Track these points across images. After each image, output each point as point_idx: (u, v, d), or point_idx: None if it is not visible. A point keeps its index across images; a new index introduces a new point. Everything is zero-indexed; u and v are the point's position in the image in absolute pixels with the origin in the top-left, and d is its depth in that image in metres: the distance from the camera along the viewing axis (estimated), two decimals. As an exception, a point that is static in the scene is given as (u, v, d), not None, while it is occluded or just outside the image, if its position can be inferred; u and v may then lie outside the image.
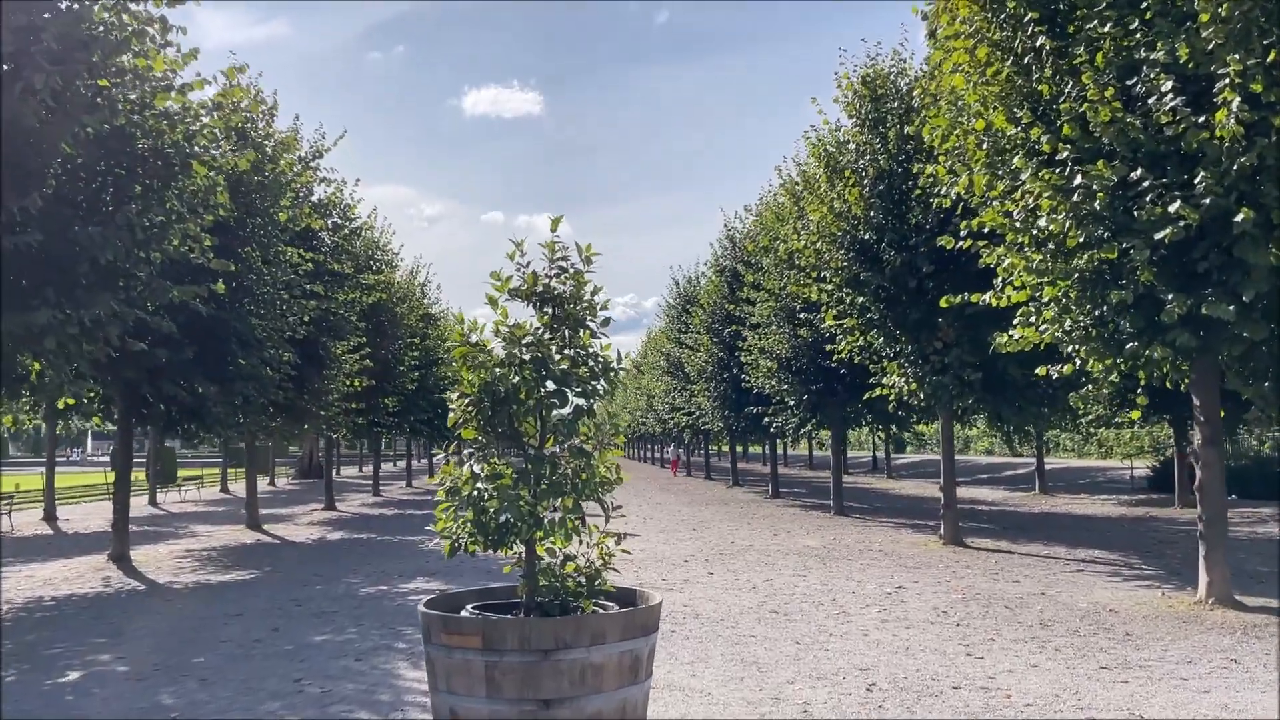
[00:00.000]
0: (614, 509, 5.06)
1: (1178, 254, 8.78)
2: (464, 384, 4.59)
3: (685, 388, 35.31)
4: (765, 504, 27.47)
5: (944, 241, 10.23)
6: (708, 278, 32.39)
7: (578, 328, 4.74)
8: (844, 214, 16.00)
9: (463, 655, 4.29)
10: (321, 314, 20.65)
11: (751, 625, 9.35)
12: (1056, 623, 9.37)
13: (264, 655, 8.30)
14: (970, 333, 15.00)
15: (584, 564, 4.97)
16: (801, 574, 13.02)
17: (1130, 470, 34.14)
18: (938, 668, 7.55)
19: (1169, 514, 22.22)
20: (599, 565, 4.96)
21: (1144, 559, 14.39)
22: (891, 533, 18.78)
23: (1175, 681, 7.08)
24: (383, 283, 26.12)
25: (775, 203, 23.51)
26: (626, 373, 7.55)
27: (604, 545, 5.01)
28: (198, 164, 10.07)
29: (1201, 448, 9.69)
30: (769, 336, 22.86)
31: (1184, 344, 8.51)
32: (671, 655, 8.03)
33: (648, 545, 16.96)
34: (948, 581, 12.24)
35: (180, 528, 23.13)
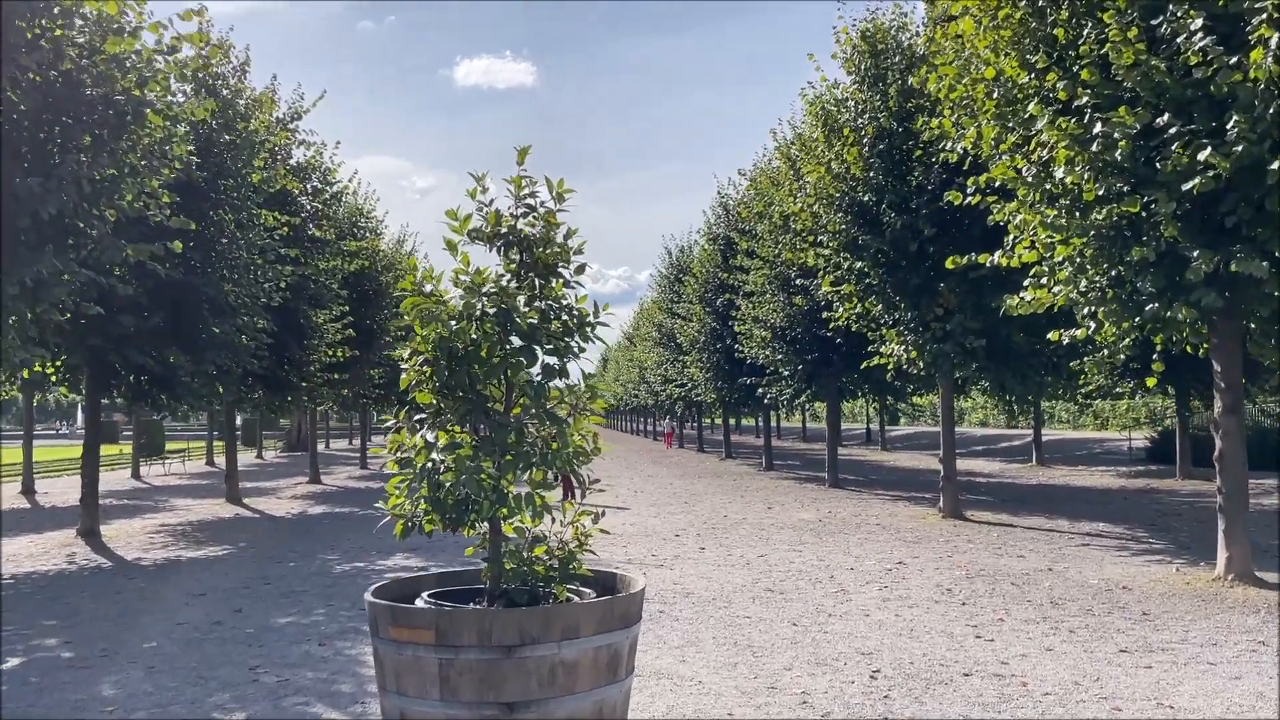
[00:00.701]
0: (592, 483, 4.47)
1: (1203, 208, 8.18)
2: (416, 340, 3.98)
3: (677, 359, 34.71)
4: (759, 477, 26.98)
5: (951, 197, 9.61)
6: (700, 246, 31.69)
7: (548, 275, 4.13)
8: (842, 175, 15.34)
9: (413, 652, 3.71)
10: (300, 281, 19.98)
11: (746, 604, 8.81)
12: (1068, 601, 8.84)
13: (221, 639, 7.73)
14: (973, 298, 14.41)
15: (557, 545, 4.37)
16: (797, 549, 12.49)
17: (1129, 441, 33.73)
18: (945, 651, 7.02)
19: (1170, 485, 21.76)
20: (573, 547, 4.37)
21: (1150, 532, 13.90)
22: (888, 505, 18.28)
23: (1202, 666, 6.55)
24: (365, 250, 25.37)
25: (770, 167, 22.81)
26: (605, 327, 7.09)
27: (579, 524, 4.42)
28: (152, 113, 9.37)
29: (1222, 416, 9.14)
30: (763, 305, 22.25)
31: (1209, 304, 7.92)
32: (660, 639, 7.49)
33: (638, 519, 16.43)
34: (950, 556, 11.73)
35: (160, 501, 22.54)
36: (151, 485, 28.86)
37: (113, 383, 15.34)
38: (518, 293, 4.07)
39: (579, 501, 4.44)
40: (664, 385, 40.73)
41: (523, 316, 3.99)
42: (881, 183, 14.84)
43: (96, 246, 9.24)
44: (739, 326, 23.81)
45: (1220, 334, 9.04)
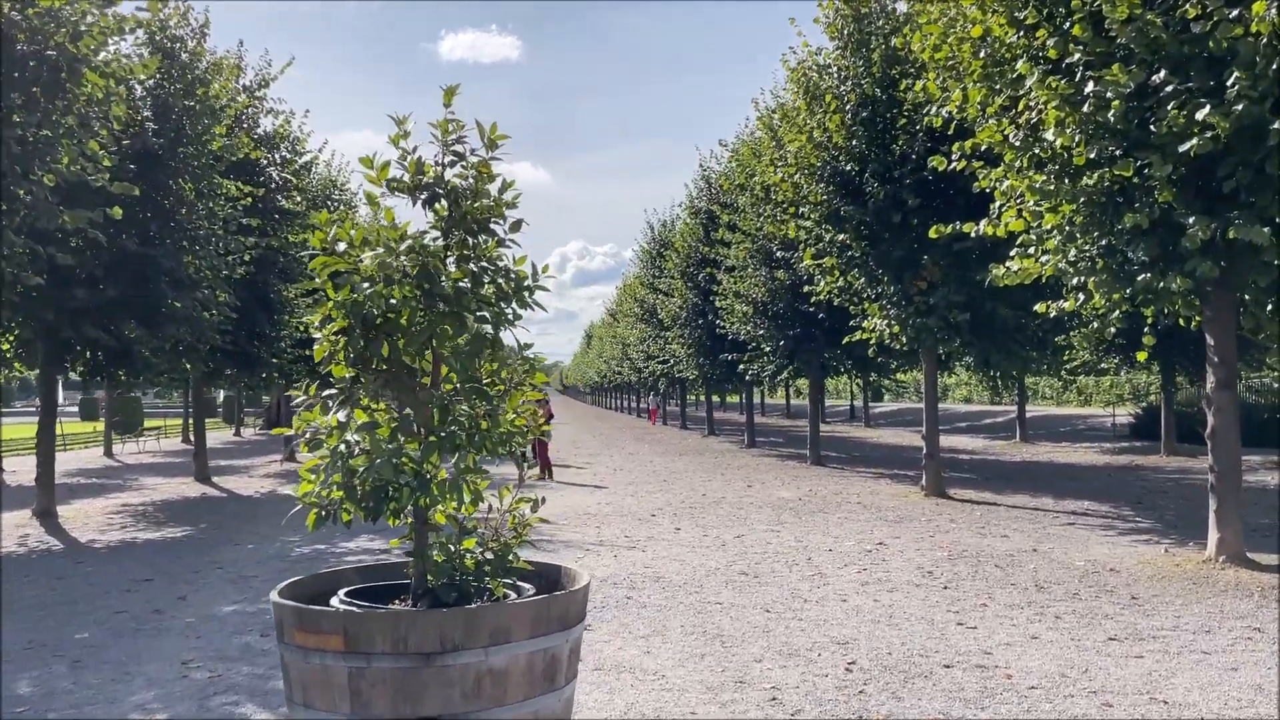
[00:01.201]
0: (530, 465, 4.03)
1: (1200, 172, 7.76)
2: (328, 306, 3.51)
3: (660, 335, 34.25)
4: (740, 454, 26.63)
5: (936, 163, 9.16)
6: (683, 220, 31.17)
7: (480, 233, 3.66)
8: (824, 144, 14.86)
9: (320, 660, 3.27)
10: (268, 253, 19.40)
11: (718, 589, 8.41)
12: (1053, 584, 8.48)
13: (157, 630, 7.27)
14: (957, 271, 14.00)
15: (491, 537, 3.92)
16: (775, 529, 12.11)
17: (1112, 418, 33.55)
18: (925, 640, 6.64)
19: (1155, 462, 21.51)
20: (510, 538, 3.92)
21: (1137, 511, 13.59)
22: (870, 483, 17.95)
23: (1196, 656, 6.19)
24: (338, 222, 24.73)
25: (752, 138, 22.27)
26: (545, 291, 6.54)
27: (517, 513, 3.97)
28: (89, 71, 8.79)
29: (1215, 391, 8.77)
30: (745, 279, 21.79)
31: (1205, 274, 7.52)
32: (625, 627, 7.08)
33: (614, 498, 16.03)
34: (931, 537, 11.37)
35: (129, 480, 22.01)
36: (124, 464, 28.29)
37: (67, 358, 14.77)
38: (443, 252, 3.59)
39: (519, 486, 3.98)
40: (647, 362, 40.29)
41: (449, 278, 3.52)
42: (864, 151, 14.37)
43: (30, 212, 8.68)
44: (720, 302, 23.37)
45: (1214, 306, 8.64)
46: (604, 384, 78.94)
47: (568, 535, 11.82)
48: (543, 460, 19.98)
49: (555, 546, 10.95)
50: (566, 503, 15.44)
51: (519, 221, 3.71)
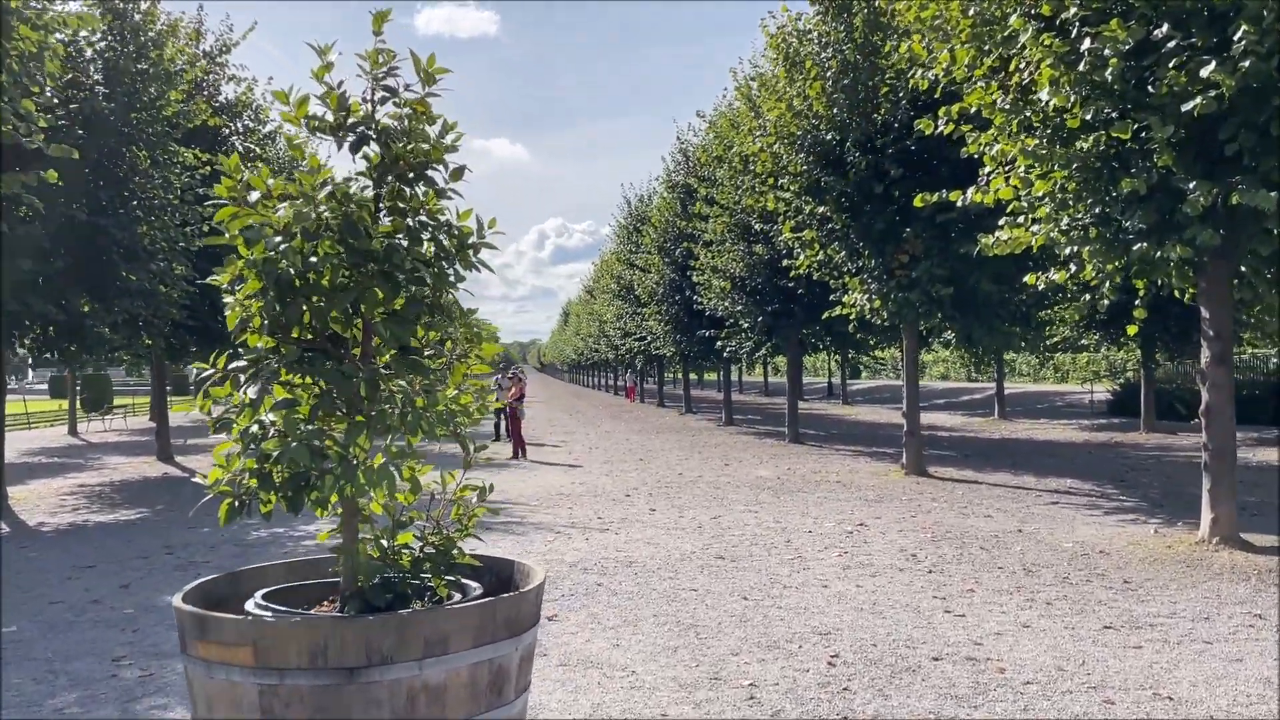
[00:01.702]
0: (478, 449, 3.57)
1: (1200, 135, 7.36)
2: (238, 265, 3.03)
3: (636, 312, 33.75)
4: (718, 432, 26.28)
5: (923, 126, 8.73)
6: (659, 195, 30.62)
7: (416, 181, 3.19)
8: (804, 112, 14.38)
9: (227, 676, 2.82)
10: (231, 227, 18.74)
11: (693, 575, 8.01)
12: (1042, 567, 8.15)
13: (93, 622, 6.79)
14: (940, 244, 13.61)
15: (432, 530, 3.47)
16: (753, 509, 11.74)
17: (1090, 394, 33.45)
18: (912, 630, 6.26)
19: (1135, 439, 21.34)
20: (452, 532, 3.47)
21: (1120, 489, 13.32)
22: (849, 462, 17.63)
23: (1197, 646, 5.85)
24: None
25: (730, 109, 21.74)
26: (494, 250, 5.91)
27: (462, 503, 3.53)
28: (20, 24, 8.18)
29: (1210, 366, 8.42)
30: (722, 254, 21.33)
31: (1206, 242, 7.14)
32: (594, 617, 6.66)
33: (589, 478, 15.61)
34: (913, 517, 11.03)
35: (91, 459, 21.40)
36: (88, 443, 27.60)
37: (15, 334, 14.12)
38: (373, 202, 3.12)
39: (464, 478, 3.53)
40: (624, 339, 39.81)
41: (379, 233, 3.05)
42: (845, 120, 13.91)
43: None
44: (697, 277, 22.91)
45: (1210, 277, 8.29)
46: (582, 362, 78.40)
47: (539, 517, 11.39)
48: (516, 439, 19.53)
49: (525, 529, 10.52)
50: (539, 482, 15.01)
51: (460, 168, 3.24)
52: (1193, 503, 11.83)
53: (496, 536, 10.04)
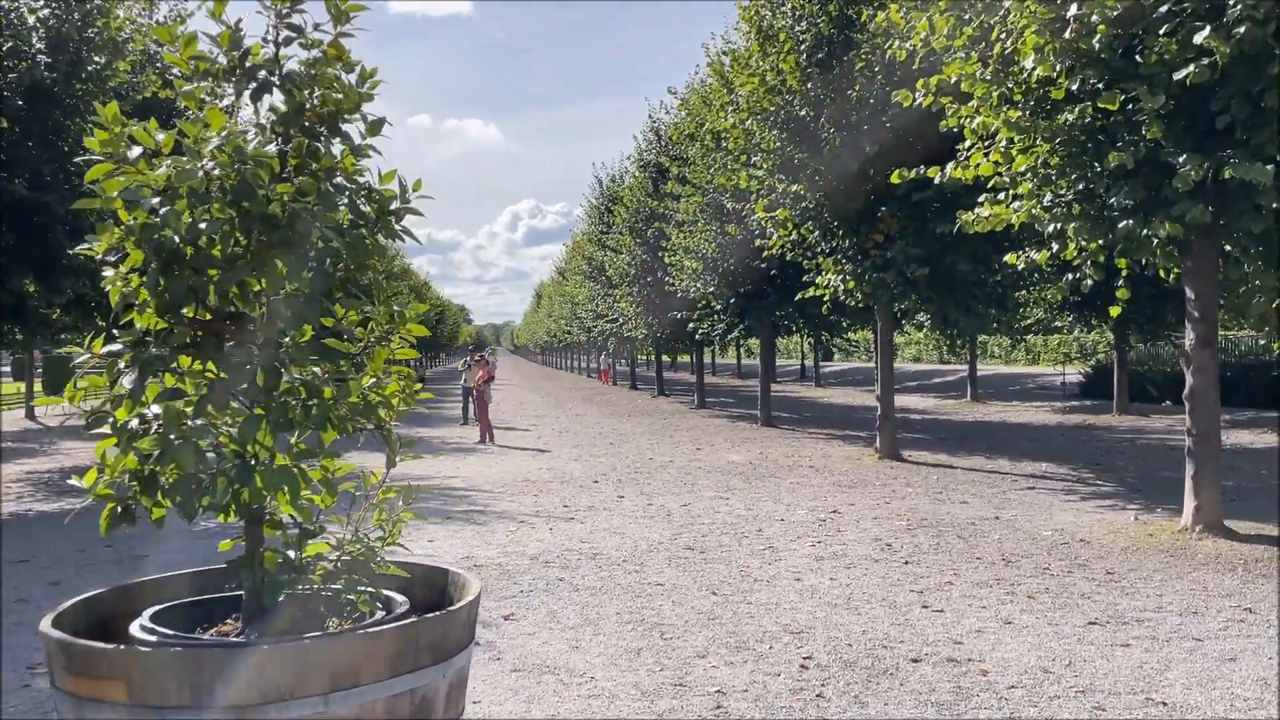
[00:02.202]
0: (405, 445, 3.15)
1: (1189, 107, 7.03)
2: (115, 233, 2.59)
3: (608, 293, 33.28)
4: (690, 415, 25.95)
5: (900, 98, 8.36)
6: (631, 174, 30.13)
7: (328, 135, 2.76)
8: (777, 88, 13.98)
9: (98, 714, 2.41)
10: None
11: (660, 567, 7.64)
12: (1021, 557, 7.85)
13: (15, 625, 6.31)
14: (916, 223, 13.29)
15: (350, 539, 3.06)
16: (724, 496, 11.39)
17: (1062, 376, 33.42)
18: (889, 627, 5.93)
19: (1108, 421, 21.23)
20: (373, 541, 3.06)
21: (1096, 473, 13.11)
22: (822, 445, 17.34)
23: (1187, 643, 5.56)
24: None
25: (703, 86, 21.28)
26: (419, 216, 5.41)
27: (384, 509, 3.11)
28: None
29: (1195, 349, 8.14)
30: (694, 235, 20.91)
31: (1195, 219, 6.82)
32: (554, 615, 6.28)
33: (557, 463, 15.21)
34: (888, 503, 10.73)
35: (46, 444, 20.68)
36: (45, 426, 26.81)
37: (-47, 315, 13.50)
38: (276, 161, 2.69)
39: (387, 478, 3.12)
40: (595, 321, 39.35)
41: (274, 195, 2.61)
42: (820, 96, 13.51)
43: None
44: (669, 258, 22.48)
45: (1196, 256, 7.99)
46: (554, 344, 77.85)
47: (503, 505, 10.99)
48: (483, 422, 19.08)
49: (488, 518, 10.12)
50: (506, 468, 14.60)
51: (379, 121, 2.81)
52: (1169, 487, 11.63)
53: (457, 526, 9.63)
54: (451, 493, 12.02)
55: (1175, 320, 21.82)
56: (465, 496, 11.67)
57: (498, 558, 8.03)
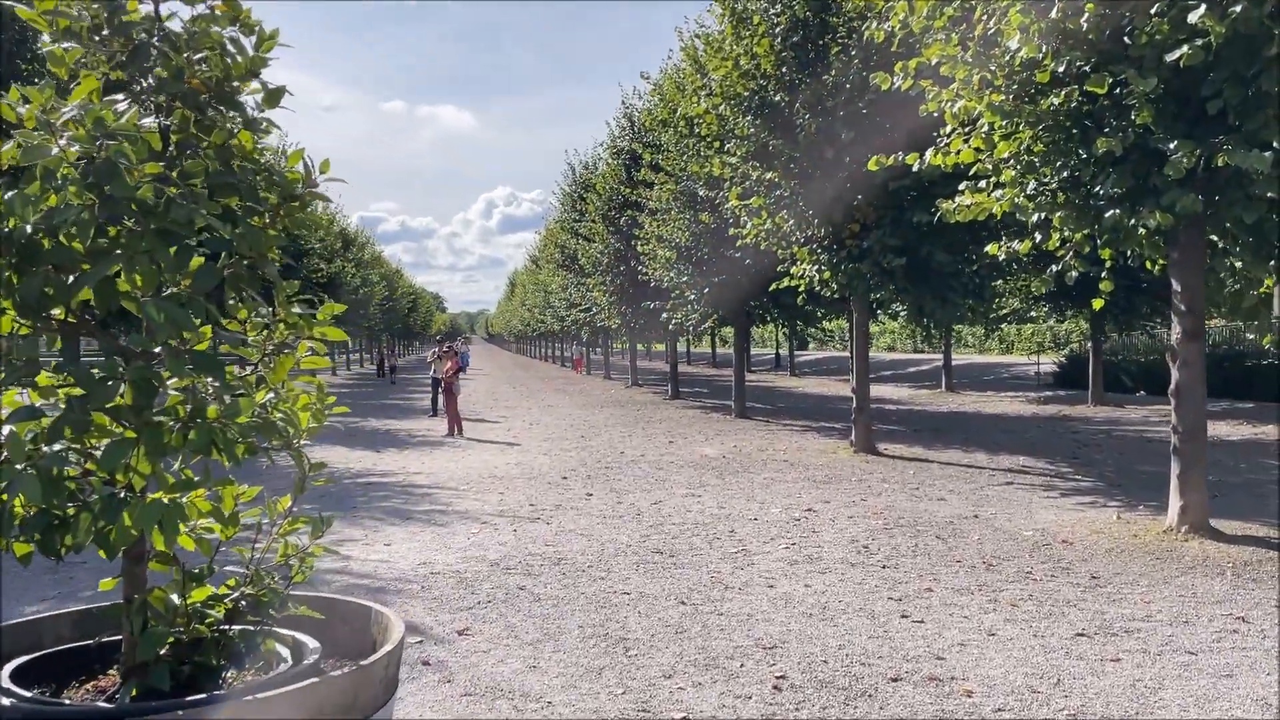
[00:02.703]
0: (314, 468, 2.75)
1: (1178, 93, 6.72)
2: (-41, 219, 2.17)
3: (581, 282, 32.83)
4: (664, 406, 25.61)
5: (879, 80, 8.00)
6: (604, 160, 29.66)
7: (218, 106, 2.36)
8: (751, 72, 13.60)
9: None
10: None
11: (628, 573, 7.28)
12: (1002, 560, 7.56)
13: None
14: (893, 213, 12.98)
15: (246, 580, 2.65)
16: (696, 493, 11.05)
17: (1037, 366, 33.38)
18: (867, 641, 5.60)
19: (1083, 412, 21.09)
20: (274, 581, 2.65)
21: (1075, 467, 12.88)
22: (797, 438, 17.04)
23: (1181, 658, 5.27)
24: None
25: (676, 71, 20.86)
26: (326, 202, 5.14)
27: (290, 541, 2.71)
28: None
29: (1181, 343, 7.86)
30: (668, 223, 20.52)
31: (1187, 208, 6.52)
32: (511, 630, 5.90)
33: (526, 457, 14.81)
34: (864, 500, 10.43)
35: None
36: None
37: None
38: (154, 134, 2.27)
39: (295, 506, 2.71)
40: (569, 310, 38.90)
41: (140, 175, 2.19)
42: (795, 80, 13.15)
43: None
44: (642, 247, 22.08)
45: (1182, 247, 7.70)
46: (528, 333, 77.25)
47: (466, 504, 10.58)
48: (451, 415, 18.63)
49: (449, 518, 9.71)
50: (472, 463, 14.19)
51: (278, 90, 2.40)
52: (1149, 482, 11.41)
53: (417, 527, 9.23)
54: (414, 490, 11.60)
55: (1150, 311, 21.73)
56: (428, 495, 11.26)
57: (456, 564, 7.63)
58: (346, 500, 10.98)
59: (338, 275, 38.41)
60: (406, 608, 6.33)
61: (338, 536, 8.83)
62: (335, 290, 37.89)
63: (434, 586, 6.89)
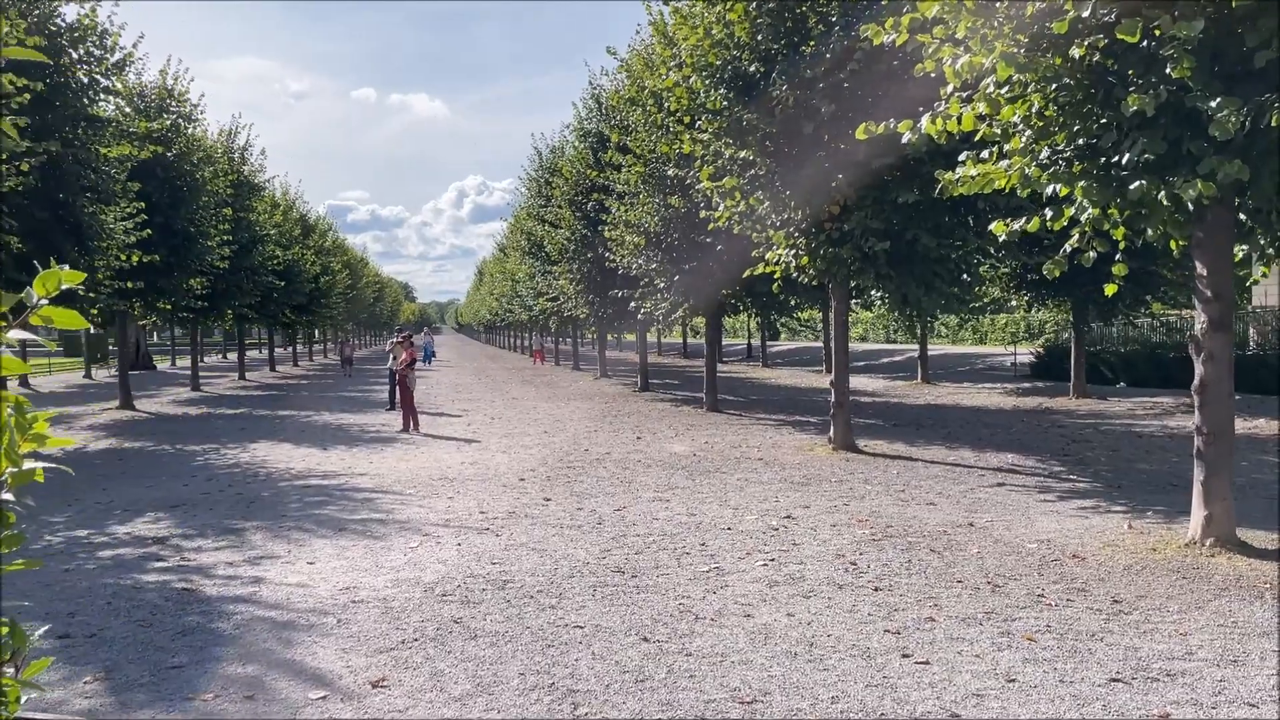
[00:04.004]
0: (4, 541, 1.75)
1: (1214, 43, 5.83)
2: None
3: (547, 270, 31.74)
4: (633, 399, 24.64)
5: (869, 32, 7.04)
6: (571, 144, 28.57)
7: None
8: (724, 42, 12.61)
9: None
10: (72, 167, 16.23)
11: (583, 599, 6.31)
12: (1008, 579, 6.67)
13: None
14: (875, 193, 12.05)
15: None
16: (664, 498, 10.09)
17: (1013, 356, 32.75)
18: (864, 691, 4.66)
19: (1064, 404, 20.37)
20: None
21: (1067, 466, 12.07)
22: (771, 433, 16.14)
23: (1241, 711, 4.38)
24: (158, 131, 21.36)
25: (644, 47, 19.83)
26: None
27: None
28: None
29: (1207, 334, 7.00)
30: (636, 207, 19.51)
31: (1231, 175, 5.62)
32: (437, 679, 4.91)
33: (483, 455, 13.80)
34: (847, 505, 9.54)
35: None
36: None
37: None
38: None
39: None
40: (536, 299, 37.79)
41: None
42: (771, 50, 12.18)
43: None
44: (609, 232, 21.04)
45: (1208, 225, 6.83)
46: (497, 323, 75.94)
47: (410, 511, 9.56)
48: (406, 409, 17.54)
49: (388, 529, 8.69)
50: (424, 462, 13.15)
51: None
52: (1151, 483, 10.62)
53: (349, 540, 8.21)
54: (354, 495, 10.56)
55: (1133, 300, 21.04)
56: (369, 501, 10.22)
57: (385, 588, 6.62)
58: (277, 507, 9.93)
59: (295, 263, 37.02)
60: (315, 650, 5.32)
61: (257, 553, 7.80)
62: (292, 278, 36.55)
63: (353, 620, 5.88)
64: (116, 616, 6.03)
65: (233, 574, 7.09)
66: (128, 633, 5.69)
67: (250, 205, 30.03)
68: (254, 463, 13.51)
